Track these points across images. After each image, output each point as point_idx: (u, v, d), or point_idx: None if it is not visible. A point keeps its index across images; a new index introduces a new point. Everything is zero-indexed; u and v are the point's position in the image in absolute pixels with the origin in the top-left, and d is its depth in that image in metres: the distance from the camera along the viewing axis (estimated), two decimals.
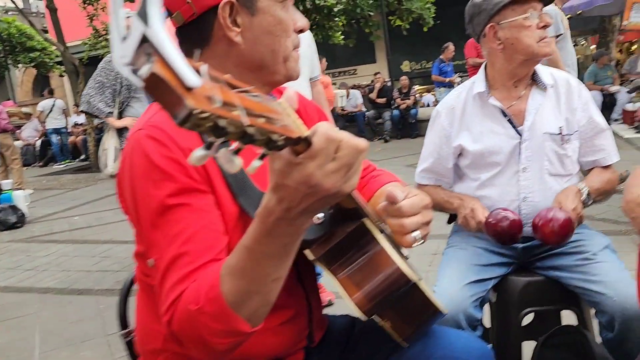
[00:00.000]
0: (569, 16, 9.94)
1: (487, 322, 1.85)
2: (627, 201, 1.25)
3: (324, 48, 16.08)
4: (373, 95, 11.41)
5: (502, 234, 1.58)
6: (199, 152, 0.53)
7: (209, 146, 0.53)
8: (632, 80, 9.48)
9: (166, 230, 0.89)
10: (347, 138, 0.69)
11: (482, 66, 1.82)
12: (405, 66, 18.05)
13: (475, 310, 1.58)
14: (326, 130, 0.66)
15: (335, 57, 18.27)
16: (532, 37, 1.63)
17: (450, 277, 1.65)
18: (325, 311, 1.26)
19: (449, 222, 1.93)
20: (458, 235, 1.86)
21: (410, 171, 1.95)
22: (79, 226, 6.02)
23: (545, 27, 1.65)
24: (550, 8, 4.04)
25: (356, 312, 0.96)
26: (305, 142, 0.64)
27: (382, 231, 1.04)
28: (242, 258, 0.79)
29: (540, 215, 1.55)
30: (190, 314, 0.81)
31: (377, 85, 11.43)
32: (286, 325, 1.06)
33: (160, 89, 0.46)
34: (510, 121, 1.72)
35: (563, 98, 1.73)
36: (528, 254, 1.75)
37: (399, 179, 1.26)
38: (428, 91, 13.75)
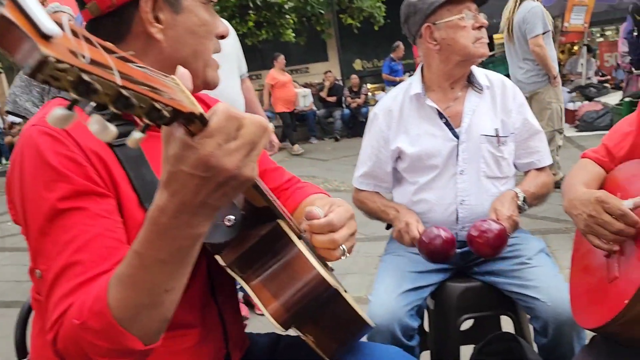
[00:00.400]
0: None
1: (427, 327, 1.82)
2: (570, 199, 1.26)
3: (276, 46, 15.93)
4: (323, 94, 11.37)
5: (435, 253, 1.55)
6: (58, 111, 0.45)
7: (72, 106, 0.45)
8: (572, 81, 9.84)
9: (57, 237, 0.79)
10: (251, 116, 0.64)
11: (419, 67, 1.80)
12: (357, 64, 18.12)
13: (411, 320, 1.54)
14: (226, 108, 0.61)
15: (287, 55, 18.06)
16: (468, 38, 1.61)
17: (386, 286, 1.61)
18: (252, 327, 1.18)
19: (387, 227, 1.89)
20: (396, 242, 1.81)
21: None
22: (11, 232, 5.66)
23: (480, 27, 1.63)
24: (535, 4, 4.08)
25: (273, 324, 0.87)
26: (202, 121, 0.59)
27: (300, 236, 0.97)
28: (132, 265, 0.70)
29: (474, 227, 1.52)
30: (74, 330, 0.71)
31: (327, 84, 11.40)
32: (199, 346, 0.97)
33: (11, 35, 0.41)
34: (447, 123, 1.70)
35: (498, 99, 1.72)
36: (465, 259, 1.72)
37: (323, 191, 1.22)
38: (382, 89, 13.85)
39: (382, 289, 1.61)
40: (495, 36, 16.20)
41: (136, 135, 0.54)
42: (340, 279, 1.04)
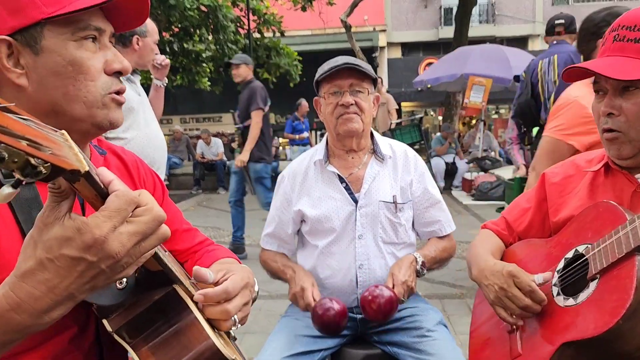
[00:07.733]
0: (419, 89, 10.95)
1: None
2: (480, 269, 1.27)
3: (190, 92, 15.78)
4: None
5: (329, 325, 1.55)
6: None
7: None
8: (470, 152, 10.57)
9: None
10: (151, 205, 0.64)
11: (326, 134, 1.85)
12: (271, 118, 18.39)
13: None
14: (126, 191, 0.62)
15: (201, 103, 17.97)
16: (333, 114, 1.70)
17: (273, 349, 1.59)
18: None
19: None
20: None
21: None
22: None
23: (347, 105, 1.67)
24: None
25: None
26: (88, 179, 0.58)
27: (196, 302, 0.90)
28: None
29: (368, 292, 1.55)
30: None
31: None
32: None
33: None
34: (347, 187, 1.74)
35: (400, 168, 1.79)
36: (365, 325, 1.71)
37: (233, 255, 1.19)
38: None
39: (268, 351, 1.59)
40: (403, 104, 17.27)
41: (5, 190, 0.51)
42: (240, 339, 0.96)
